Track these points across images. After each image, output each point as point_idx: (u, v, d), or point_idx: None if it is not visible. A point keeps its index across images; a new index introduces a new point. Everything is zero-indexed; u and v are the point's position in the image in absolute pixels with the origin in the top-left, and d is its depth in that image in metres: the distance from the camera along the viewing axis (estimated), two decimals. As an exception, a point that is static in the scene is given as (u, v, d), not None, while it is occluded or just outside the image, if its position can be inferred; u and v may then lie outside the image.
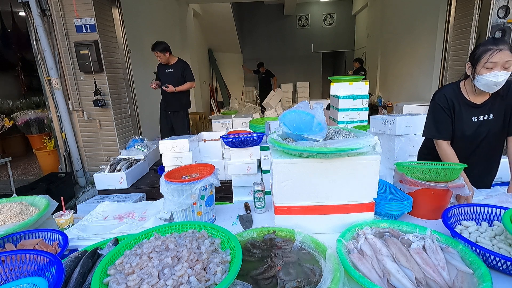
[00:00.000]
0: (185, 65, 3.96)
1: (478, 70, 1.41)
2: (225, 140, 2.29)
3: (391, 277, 0.86)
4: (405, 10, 6.39)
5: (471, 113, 1.53)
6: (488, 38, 1.49)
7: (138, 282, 0.79)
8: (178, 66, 3.92)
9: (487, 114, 1.51)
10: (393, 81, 7.26)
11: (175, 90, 3.82)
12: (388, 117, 2.31)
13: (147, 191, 3.38)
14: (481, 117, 1.52)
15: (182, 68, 3.92)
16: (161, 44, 3.78)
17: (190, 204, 1.22)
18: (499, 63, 1.34)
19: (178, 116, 4.08)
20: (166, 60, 3.87)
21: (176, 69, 3.90)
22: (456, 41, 4.04)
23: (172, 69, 3.90)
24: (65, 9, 3.64)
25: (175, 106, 4.03)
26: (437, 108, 1.58)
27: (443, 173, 1.25)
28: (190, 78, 3.95)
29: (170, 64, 3.91)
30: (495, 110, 1.50)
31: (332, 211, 1.16)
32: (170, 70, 3.90)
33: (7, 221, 1.28)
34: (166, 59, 3.84)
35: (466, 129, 1.54)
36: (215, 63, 10.62)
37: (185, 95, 4.07)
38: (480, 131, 1.53)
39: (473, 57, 1.43)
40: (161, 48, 3.75)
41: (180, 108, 4.06)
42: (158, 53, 3.77)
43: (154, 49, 3.77)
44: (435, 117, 1.59)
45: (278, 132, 1.21)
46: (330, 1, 10.84)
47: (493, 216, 1.14)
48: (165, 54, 3.78)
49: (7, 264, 0.92)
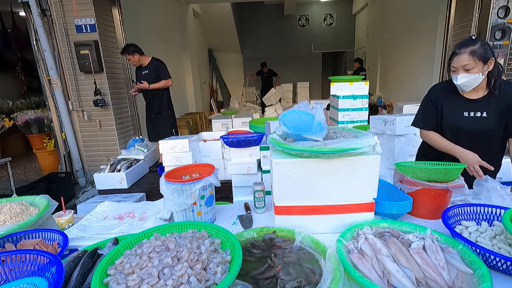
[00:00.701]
0: (158, 63, 3.79)
1: (450, 73, 1.52)
2: (225, 140, 2.29)
3: (391, 277, 0.86)
4: (405, 10, 6.39)
5: (464, 107, 1.54)
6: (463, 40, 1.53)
7: (138, 282, 0.79)
8: (152, 65, 3.77)
9: (480, 112, 1.52)
10: (393, 81, 7.26)
11: (149, 87, 3.68)
12: (388, 117, 2.31)
13: (147, 191, 3.38)
14: (472, 113, 1.53)
15: (156, 66, 3.77)
16: (128, 47, 3.65)
17: (190, 204, 1.22)
18: (458, 67, 1.44)
19: (162, 118, 3.94)
20: (138, 62, 3.72)
21: (150, 69, 3.76)
22: (456, 41, 4.03)
23: (147, 69, 3.76)
24: (65, 9, 3.64)
25: (156, 107, 3.89)
26: (426, 100, 1.67)
27: (443, 173, 1.25)
28: (164, 75, 3.77)
29: (144, 66, 3.77)
30: (489, 109, 1.50)
31: (332, 211, 1.16)
32: (146, 72, 3.76)
33: (7, 221, 1.28)
34: (137, 60, 3.69)
35: (454, 122, 1.56)
36: (215, 63, 10.63)
37: (165, 94, 3.90)
38: (472, 127, 1.53)
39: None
40: (129, 50, 3.61)
41: (161, 108, 3.90)
42: (127, 56, 3.64)
43: (123, 53, 3.66)
44: (423, 108, 1.68)
45: (278, 132, 1.21)
46: (330, 1, 10.85)
47: (493, 216, 1.14)
48: (134, 56, 3.63)
49: (7, 264, 0.92)
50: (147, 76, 3.73)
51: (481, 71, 1.41)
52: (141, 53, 3.70)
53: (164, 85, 3.76)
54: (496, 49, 3.63)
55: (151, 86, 3.68)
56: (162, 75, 3.76)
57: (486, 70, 1.42)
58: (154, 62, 3.79)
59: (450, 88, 1.58)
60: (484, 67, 1.41)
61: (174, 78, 4.01)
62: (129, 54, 3.62)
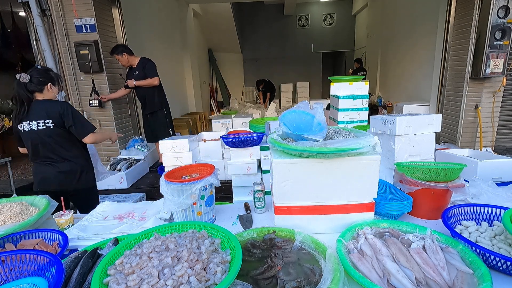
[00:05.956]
0: (145, 62, 3.75)
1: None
2: (225, 140, 2.29)
3: (391, 277, 0.86)
4: (405, 9, 6.39)
5: None
6: None
7: (138, 282, 0.79)
8: (140, 66, 3.74)
9: None
10: (393, 81, 7.26)
11: (134, 84, 3.66)
12: (388, 117, 2.30)
13: (147, 191, 3.38)
14: None
15: (143, 66, 3.73)
16: (117, 47, 3.63)
17: (190, 204, 1.22)
18: None
19: (156, 117, 3.91)
20: (128, 62, 3.69)
21: (139, 69, 3.73)
22: (456, 41, 4.04)
23: (137, 70, 3.74)
24: (65, 9, 3.64)
25: (148, 107, 3.87)
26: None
27: (443, 173, 1.25)
28: (150, 74, 3.71)
29: (134, 67, 3.75)
30: None
31: (332, 211, 1.16)
32: (136, 72, 3.74)
33: (7, 221, 1.28)
34: (127, 61, 3.67)
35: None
36: (215, 63, 10.62)
37: (156, 94, 3.84)
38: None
39: None
40: (118, 50, 3.60)
41: (153, 108, 3.87)
42: (116, 56, 3.61)
43: (112, 53, 3.63)
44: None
45: (278, 132, 1.21)
46: (330, 1, 10.85)
47: (493, 216, 1.14)
48: (122, 56, 3.61)
49: (7, 264, 0.92)
50: (138, 76, 3.71)
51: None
52: (130, 53, 3.68)
53: (149, 83, 3.70)
54: (496, 49, 3.63)
55: (136, 83, 3.66)
56: (148, 73, 3.71)
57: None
58: (142, 61, 3.76)
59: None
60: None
61: (174, 78, 4.01)
62: (118, 54, 3.59)
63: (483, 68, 3.68)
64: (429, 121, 1.93)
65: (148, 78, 3.70)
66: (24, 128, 1.89)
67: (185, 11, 7.84)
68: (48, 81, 1.94)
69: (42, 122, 1.87)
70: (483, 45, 3.64)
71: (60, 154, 1.96)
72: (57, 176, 1.97)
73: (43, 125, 1.87)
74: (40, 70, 1.93)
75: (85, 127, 1.98)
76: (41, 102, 1.90)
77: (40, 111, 1.87)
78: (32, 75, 1.87)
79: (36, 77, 1.88)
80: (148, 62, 3.76)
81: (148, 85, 3.72)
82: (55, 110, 1.88)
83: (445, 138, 4.40)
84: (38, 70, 1.92)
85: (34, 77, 1.87)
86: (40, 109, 1.88)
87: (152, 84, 3.73)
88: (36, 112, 1.88)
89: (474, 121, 4.04)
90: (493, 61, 3.66)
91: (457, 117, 4.10)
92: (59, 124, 1.90)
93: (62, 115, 1.89)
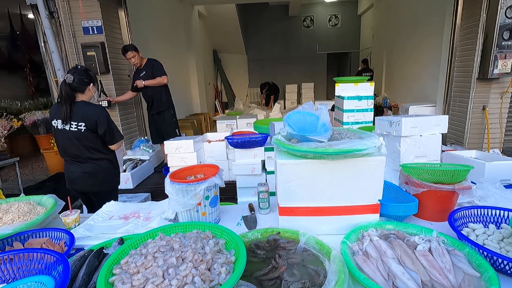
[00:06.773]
0: (153, 62, 3.79)
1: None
2: (229, 141, 2.29)
3: (396, 280, 0.86)
4: (411, 9, 6.34)
5: None
6: None
7: (143, 282, 0.80)
8: (148, 66, 3.77)
9: None
10: (398, 82, 7.20)
11: (143, 84, 3.68)
12: (393, 118, 2.29)
13: (152, 191, 3.40)
14: None
15: (151, 66, 3.77)
16: (131, 45, 3.67)
17: (195, 204, 1.23)
18: None
19: (164, 117, 3.94)
20: (139, 61, 3.72)
21: (147, 70, 3.77)
22: (463, 42, 4.00)
23: (144, 71, 3.77)
24: (72, 11, 3.69)
25: (156, 106, 3.89)
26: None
27: (450, 175, 1.23)
28: (159, 73, 3.75)
29: (141, 68, 3.79)
30: None
31: (337, 212, 1.16)
32: (143, 73, 3.76)
33: (15, 220, 1.30)
34: (139, 59, 3.70)
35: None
36: (219, 64, 10.66)
37: (163, 93, 3.87)
38: None
39: None
40: (132, 47, 3.62)
41: (161, 107, 3.89)
42: (132, 53, 3.61)
43: (126, 51, 3.63)
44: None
45: (283, 133, 1.21)
46: (335, 2, 10.81)
47: (500, 218, 1.12)
48: (138, 53, 3.65)
49: (15, 262, 0.94)
50: (145, 77, 3.75)
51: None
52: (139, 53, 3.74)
53: (158, 82, 3.74)
54: (504, 49, 3.58)
55: (145, 83, 3.69)
56: (157, 73, 3.75)
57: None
58: (149, 62, 3.80)
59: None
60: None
61: (179, 79, 4.03)
62: (134, 51, 3.61)
63: (491, 68, 3.63)
64: (435, 122, 1.91)
65: (157, 77, 3.74)
66: (58, 126, 1.94)
67: (190, 12, 7.89)
68: (90, 81, 1.98)
69: (75, 124, 1.91)
70: (490, 45, 3.60)
71: (85, 155, 2.00)
72: (82, 177, 2.03)
73: (75, 127, 1.91)
74: (81, 71, 1.96)
75: (116, 135, 2.05)
76: (79, 104, 1.94)
77: (76, 113, 1.92)
78: (74, 75, 1.90)
79: (79, 77, 1.92)
80: (155, 62, 3.80)
81: (158, 84, 3.76)
82: (92, 115, 1.92)
83: (452, 140, 4.35)
84: (80, 70, 1.95)
85: (77, 78, 1.91)
86: (77, 111, 1.92)
87: (162, 83, 3.78)
88: (73, 113, 1.91)
89: (482, 122, 3.98)
90: (501, 61, 3.62)
91: (464, 118, 4.05)
92: (92, 129, 1.94)
93: (97, 121, 1.93)
